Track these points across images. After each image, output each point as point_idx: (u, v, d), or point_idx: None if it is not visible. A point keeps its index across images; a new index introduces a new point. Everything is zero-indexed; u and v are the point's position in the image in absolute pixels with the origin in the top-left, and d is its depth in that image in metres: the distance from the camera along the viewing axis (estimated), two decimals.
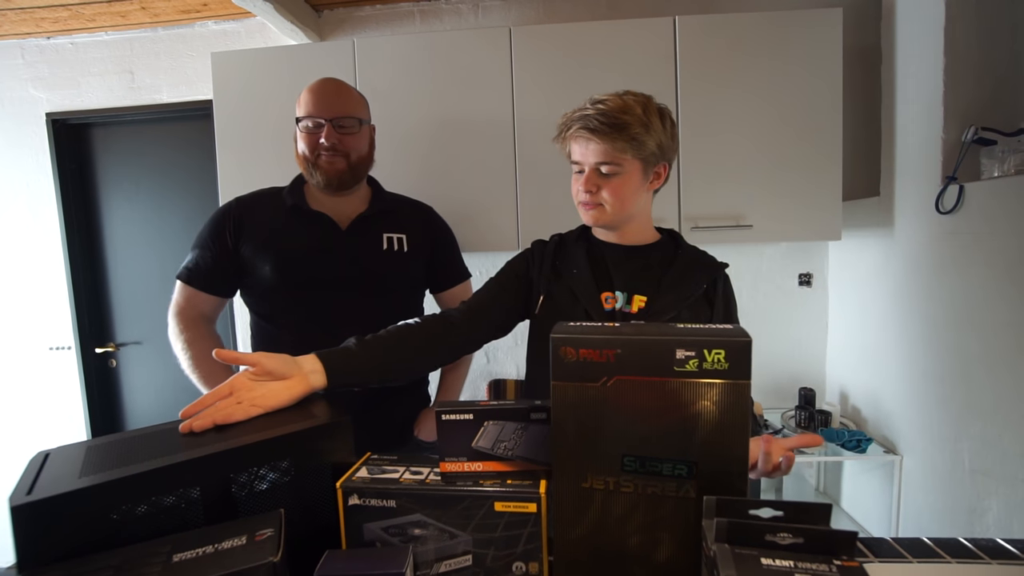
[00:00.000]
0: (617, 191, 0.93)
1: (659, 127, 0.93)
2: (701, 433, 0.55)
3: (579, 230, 1.07)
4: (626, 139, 0.89)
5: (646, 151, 0.92)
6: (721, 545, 0.48)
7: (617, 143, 0.89)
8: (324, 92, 1.15)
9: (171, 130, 2.29)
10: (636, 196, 0.96)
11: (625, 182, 0.93)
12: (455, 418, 0.63)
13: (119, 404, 2.44)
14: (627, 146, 0.90)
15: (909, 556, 0.74)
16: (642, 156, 0.92)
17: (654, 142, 0.92)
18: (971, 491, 1.40)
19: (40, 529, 0.49)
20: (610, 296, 0.96)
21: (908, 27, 1.62)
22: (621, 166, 0.92)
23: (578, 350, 0.57)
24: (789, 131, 1.67)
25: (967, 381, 1.41)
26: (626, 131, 0.89)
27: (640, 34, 1.67)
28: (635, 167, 0.93)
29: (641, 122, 0.90)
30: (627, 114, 0.89)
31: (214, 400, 0.70)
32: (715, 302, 0.98)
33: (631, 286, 0.97)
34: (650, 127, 0.91)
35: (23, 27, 2.14)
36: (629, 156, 0.91)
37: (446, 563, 0.62)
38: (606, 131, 0.89)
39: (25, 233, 2.33)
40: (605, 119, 0.89)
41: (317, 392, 0.78)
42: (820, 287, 2.10)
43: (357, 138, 1.17)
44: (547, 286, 1.00)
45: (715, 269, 1.01)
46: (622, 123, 0.89)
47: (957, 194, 1.40)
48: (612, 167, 0.92)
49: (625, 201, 0.94)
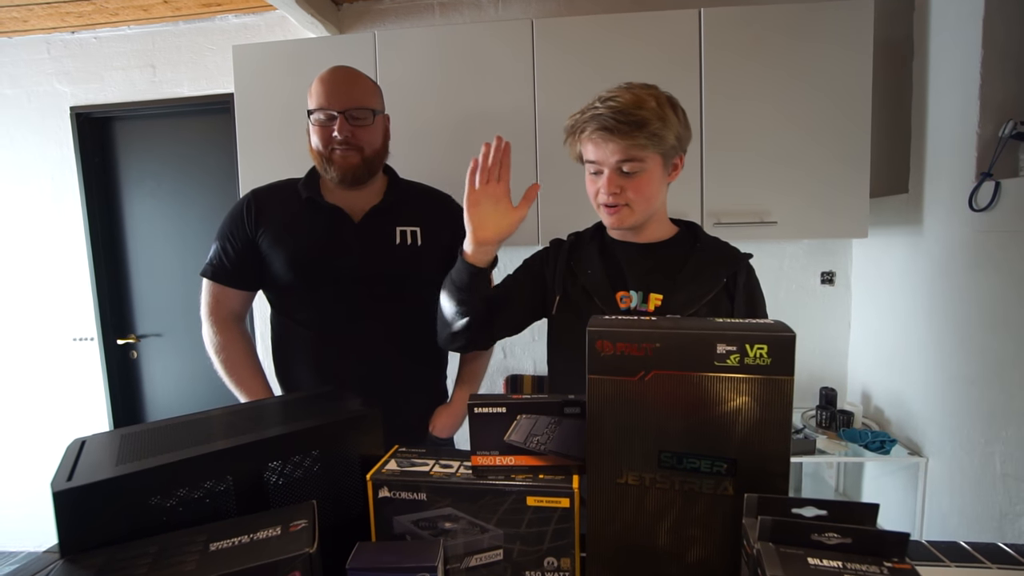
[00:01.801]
0: (642, 189, 0.91)
1: (674, 118, 0.90)
2: (741, 430, 0.54)
3: (594, 228, 1.05)
4: (646, 135, 0.86)
5: (666, 145, 0.89)
6: (765, 544, 0.47)
7: (637, 140, 0.86)
8: (336, 82, 1.12)
9: (192, 124, 2.31)
10: (659, 192, 0.94)
11: (648, 179, 0.91)
12: (488, 411, 0.62)
13: (140, 395, 2.48)
14: (648, 142, 0.87)
15: (947, 560, 0.72)
16: (662, 150, 0.90)
17: (672, 134, 0.90)
18: (1003, 495, 1.37)
19: (80, 514, 0.50)
20: (625, 295, 0.94)
21: (943, 18, 1.58)
22: (643, 163, 0.89)
23: (615, 344, 0.56)
24: (816, 126, 1.64)
25: (1000, 383, 1.38)
26: (645, 127, 0.86)
27: (664, 27, 1.64)
28: (656, 162, 0.91)
29: (658, 115, 0.87)
30: (642, 109, 0.86)
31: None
32: (736, 296, 0.95)
33: (646, 284, 0.95)
34: (667, 119, 0.88)
35: (49, 22, 2.17)
36: (650, 152, 0.89)
37: (476, 557, 0.61)
38: (625, 129, 0.86)
39: (50, 225, 2.37)
40: (623, 117, 0.86)
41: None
42: (843, 286, 2.06)
43: (371, 130, 1.14)
44: (562, 286, 0.99)
45: (735, 262, 0.97)
46: (640, 119, 0.86)
47: (993, 191, 1.36)
48: (634, 164, 0.89)
49: (651, 198, 0.92)
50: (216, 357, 1.17)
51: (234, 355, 1.17)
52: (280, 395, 1.20)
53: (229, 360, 1.17)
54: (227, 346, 1.17)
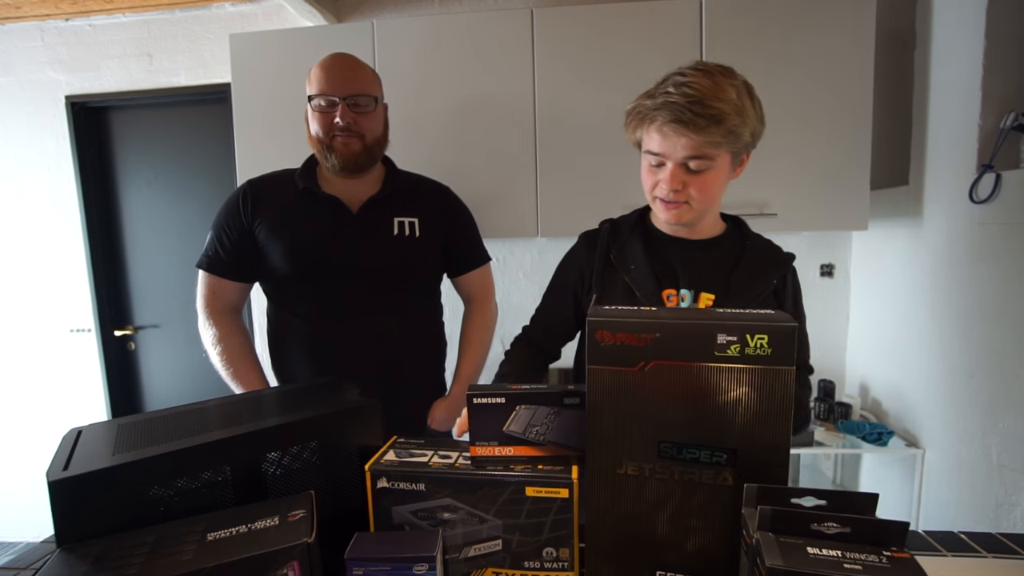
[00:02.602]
0: (707, 188, 0.83)
1: (752, 112, 0.81)
2: (741, 420, 0.54)
3: (636, 216, 0.97)
4: (723, 132, 0.77)
5: (741, 143, 0.81)
6: (765, 534, 0.47)
7: (713, 137, 0.77)
8: (338, 68, 1.11)
9: (189, 113, 2.29)
10: (722, 190, 0.87)
11: (716, 177, 0.83)
12: (487, 401, 0.62)
13: (138, 386, 2.48)
14: (723, 140, 0.78)
15: (943, 550, 0.72)
16: (735, 148, 0.82)
17: (749, 131, 0.81)
18: (999, 487, 1.37)
19: (77, 504, 0.49)
20: (673, 294, 0.88)
21: (946, 10, 1.57)
22: (713, 160, 0.80)
23: (615, 334, 0.55)
24: (817, 117, 1.63)
25: (999, 376, 1.38)
26: (723, 123, 0.77)
27: (665, 15, 1.63)
28: (725, 160, 0.83)
29: (737, 110, 0.78)
30: (722, 101, 0.77)
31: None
32: (784, 300, 0.91)
33: (698, 283, 0.88)
34: (745, 114, 0.79)
35: (42, 8, 2.15)
36: (722, 150, 0.80)
37: (475, 547, 0.61)
38: (702, 124, 0.76)
39: (46, 215, 2.35)
40: (700, 109, 0.76)
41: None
42: (842, 278, 2.06)
43: (372, 118, 1.14)
44: (600, 283, 0.92)
45: (784, 264, 0.93)
46: (718, 114, 0.76)
47: (993, 183, 1.36)
48: (703, 162, 0.80)
49: (713, 197, 0.85)
50: (212, 350, 1.17)
51: (231, 347, 1.16)
52: (278, 385, 1.19)
53: (226, 352, 1.16)
54: (224, 338, 1.16)
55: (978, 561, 0.70)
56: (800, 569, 0.43)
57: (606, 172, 1.65)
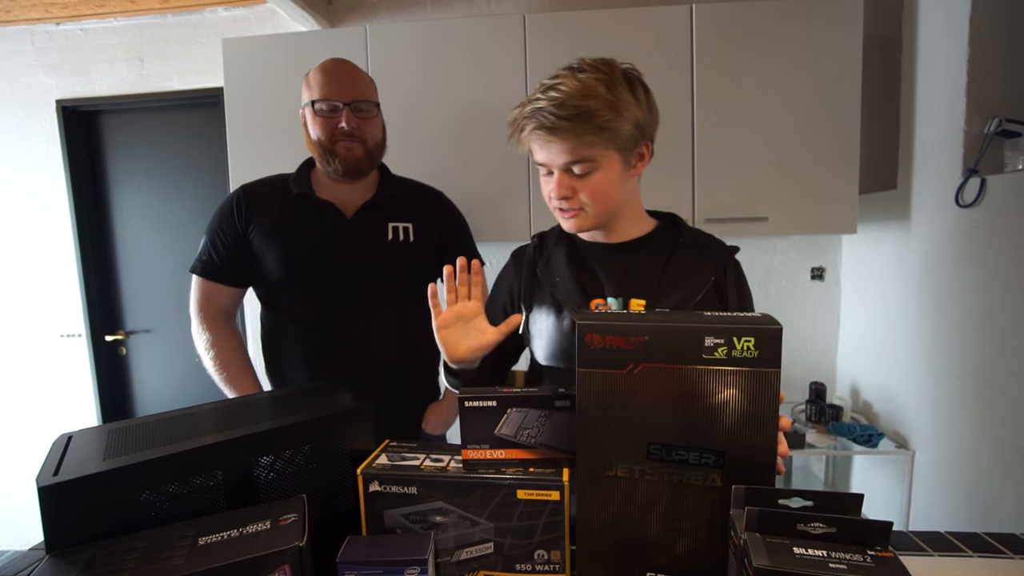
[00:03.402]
0: (597, 191, 0.79)
1: (631, 102, 0.77)
2: (729, 422, 0.55)
3: (560, 228, 0.93)
4: (594, 131, 0.73)
5: (621, 138, 0.76)
6: (752, 534, 0.48)
7: (584, 137, 0.74)
8: (340, 74, 1.12)
9: (181, 118, 2.28)
10: (620, 190, 0.81)
11: (604, 179, 0.78)
12: (478, 404, 0.62)
13: (129, 391, 2.46)
14: (596, 139, 0.74)
15: (930, 549, 0.73)
16: (618, 145, 0.77)
17: (629, 123, 0.76)
18: (987, 488, 1.39)
19: (67, 509, 0.49)
20: (601, 304, 0.84)
21: (931, 16, 1.59)
22: (595, 162, 0.76)
23: (604, 337, 0.56)
24: (806, 122, 1.65)
25: (986, 378, 1.40)
26: (592, 120, 0.73)
27: (656, 22, 1.64)
28: (612, 158, 0.78)
29: (608, 104, 0.74)
30: (589, 98, 0.73)
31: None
32: (727, 294, 0.85)
33: (625, 289, 0.83)
34: (620, 107, 0.75)
35: (33, 12, 2.14)
36: (601, 149, 0.76)
37: (467, 550, 0.62)
38: (567, 126, 0.73)
39: (36, 220, 2.34)
40: (564, 111, 0.73)
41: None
42: (832, 281, 2.08)
43: (374, 123, 1.15)
44: (528, 300, 0.89)
45: (723, 257, 0.87)
46: (585, 111, 0.73)
47: (978, 187, 1.38)
48: (584, 165, 0.76)
49: (608, 199, 0.80)
50: (206, 354, 1.16)
51: (224, 352, 1.16)
52: (270, 390, 1.19)
53: (219, 357, 1.16)
54: (217, 343, 1.16)
55: (964, 560, 0.71)
56: (786, 569, 0.44)
57: None
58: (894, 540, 0.75)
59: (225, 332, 1.18)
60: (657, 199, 0.98)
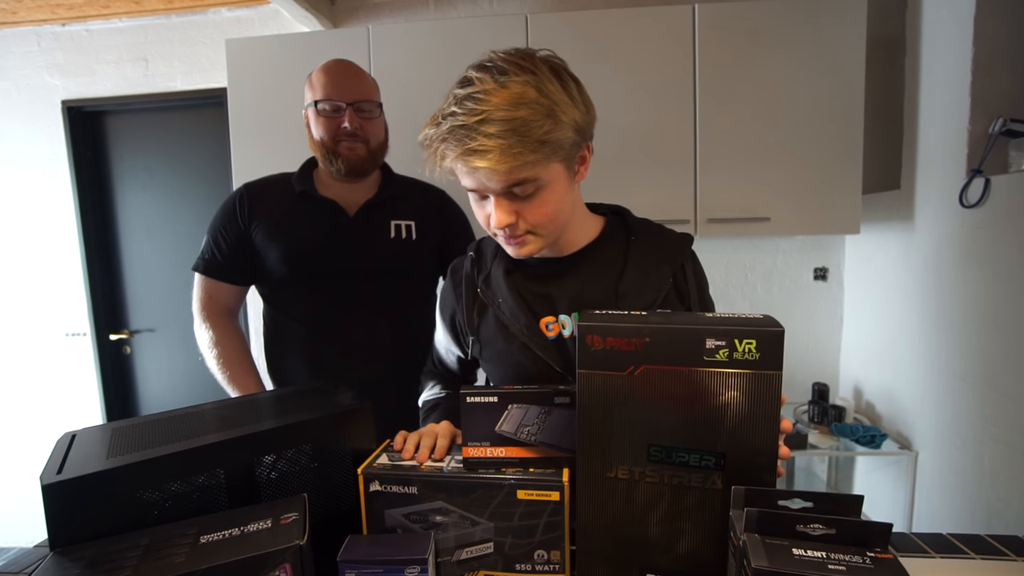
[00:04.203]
0: (543, 211, 0.68)
1: (567, 102, 0.65)
2: (730, 424, 0.55)
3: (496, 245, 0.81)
4: (534, 147, 0.61)
5: (564, 147, 0.65)
6: (751, 535, 0.48)
7: (522, 157, 0.61)
8: (343, 74, 1.13)
9: (185, 118, 2.29)
10: (567, 203, 0.71)
11: (552, 195, 0.68)
12: (479, 400, 0.63)
13: (133, 390, 2.47)
14: (537, 155, 0.62)
15: (932, 551, 0.73)
16: (561, 156, 0.66)
17: (569, 128, 0.65)
18: (991, 490, 1.38)
19: (70, 507, 0.50)
20: (551, 322, 0.75)
21: (935, 16, 1.59)
22: (538, 180, 0.65)
23: (605, 338, 0.56)
24: (809, 122, 1.64)
25: (989, 379, 1.39)
26: (529, 135, 0.61)
27: (658, 22, 1.64)
28: (556, 171, 0.67)
29: (545, 111, 0.62)
30: (521, 107, 0.61)
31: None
32: (687, 292, 0.78)
33: (578, 304, 0.75)
34: (557, 112, 0.63)
35: (39, 14, 2.15)
36: (543, 165, 0.64)
37: (467, 550, 0.62)
38: (500, 146, 0.60)
39: (41, 220, 2.35)
40: (494, 128, 0.60)
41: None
42: (835, 282, 2.07)
43: (377, 124, 1.16)
44: (473, 325, 0.81)
45: (679, 253, 0.79)
46: (520, 124, 0.60)
47: (983, 187, 1.37)
48: (527, 186, 0.65)
49: (557, 217, 0.70)
50: (208, 353, 1.17)
51: (227, 351, 1.16)
52: (272, 389, 1.20)
53: (222, 356, 1.16)
54: (220, 342, 1.16)
55: (966, 562, 0.70)
56: (785, 570, 0.44)
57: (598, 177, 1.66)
58: (895, 542, 0.74)
59: (228, 331, 1.19)
60: (659, 199, 0.97)
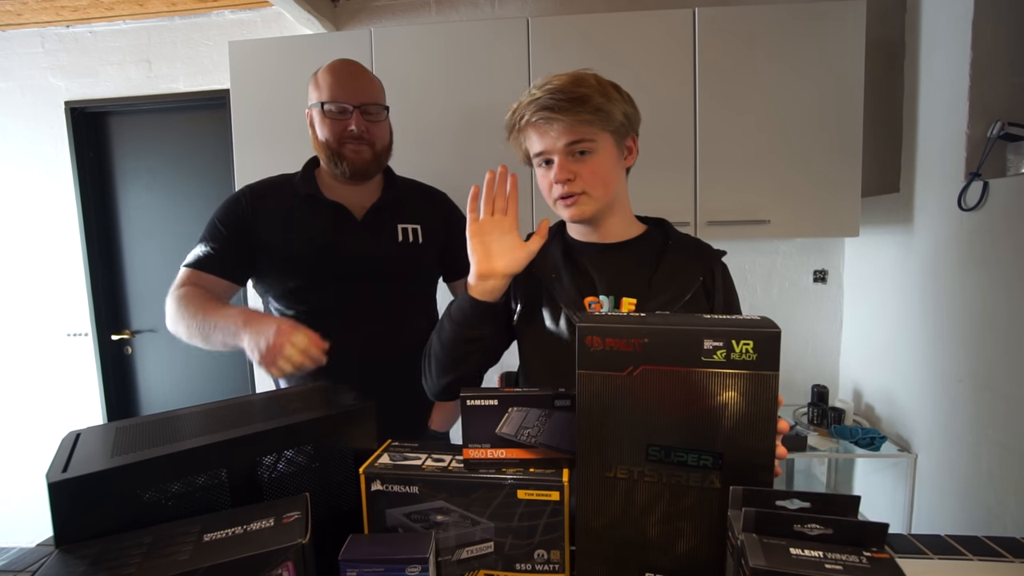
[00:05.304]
0: (597, 171, 0.84)
1: (617, 95, 0.85)
2: (727, 424, 0.55)
3: (555, 228, 0.97)
4: (591, 111, 0.81)
5: (615, 121, 0.83)
6: (749, 535, 0.48)
7: (582, 116, 0.80)
8: (350, 76, 1.12)
9: (187, 119, 2.30)
10: (616, 175, 0.87)
11: (604, 161, 0.84)
12: (480, 403, 0.63)
13: (134, 390, 2.48)
14: (594, 118, 0.81)
15: (930, 552, 0.73)
16: (612, 128, 0.84)
17: (619, 111, 0.84)
18: (989, 492, 1.39)
19: (75, 505, 0.50)
20: (594, 301, 0.87)
21: (934, 20, 1.60)
22: (594, 141, 0.83)
23: (604, 339, 0.57)
24: (808, 126, 1.65)
25: (988, 381, 1.40)
26: (588, 102, 0.80)
27: (659, 26, 1.65)
28: (608, 141, 0.85)
29: (600, 91, 0.82)
30: (582, 86, 0.81)
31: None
32: (714, 295, 0.88)
33: (616, 288, 0.87)
34: (609, 95, 0.83)
35: (43, 15, 2.16)
36: (598, 129, 0.83)
37: (467, 550, 0.62)
38: (567, 107, 0.80)
39: (44, 220, 2.36)
40: (562, 95, 0.80)
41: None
42: (835, 284, 2.08)
43: (382, 126, 1.15)
44: (525, 293, 0.92)
45: (710, 259, 0.91)
46: (581, 95, 0.80)
47: (981, 190, 1.38)
48: (585, 144, 0.82)
49: (608, 182, 0.85)
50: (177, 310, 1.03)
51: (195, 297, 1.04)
52: (274, 389, 1.20)
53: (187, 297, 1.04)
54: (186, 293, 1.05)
55: (964, 564, 0.71)
56: (782, 569, 0.44)
57: None
58: (894, 543, 0.75)
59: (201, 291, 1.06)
60: (659, 202, 0.98)
